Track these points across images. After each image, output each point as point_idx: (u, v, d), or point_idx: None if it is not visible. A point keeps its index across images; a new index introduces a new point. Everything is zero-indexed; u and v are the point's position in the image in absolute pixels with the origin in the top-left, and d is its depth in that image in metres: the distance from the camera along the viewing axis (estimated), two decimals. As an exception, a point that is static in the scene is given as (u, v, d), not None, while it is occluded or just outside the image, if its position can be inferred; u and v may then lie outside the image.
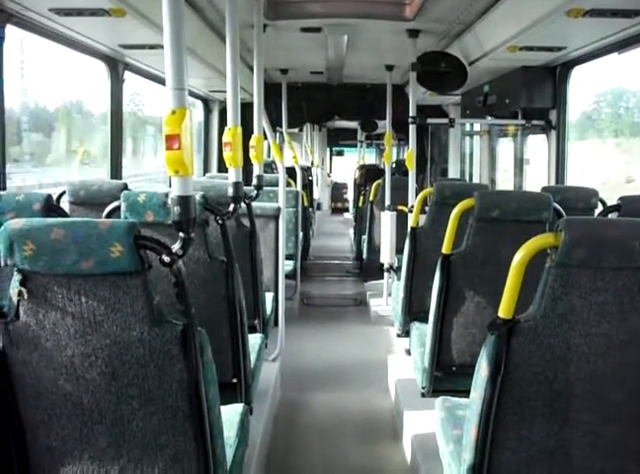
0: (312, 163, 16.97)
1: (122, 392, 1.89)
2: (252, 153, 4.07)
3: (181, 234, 1.91)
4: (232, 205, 3.29)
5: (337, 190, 20.35)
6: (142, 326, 1.84)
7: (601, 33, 4.14)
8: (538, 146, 6.13)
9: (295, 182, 7.84)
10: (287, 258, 6.54)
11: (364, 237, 8.48)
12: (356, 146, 20.32)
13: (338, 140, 21.17)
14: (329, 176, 21.55)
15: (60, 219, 1.88)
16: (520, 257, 1.98)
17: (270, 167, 9.25)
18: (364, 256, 8.48)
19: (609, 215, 3.44)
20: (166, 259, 1.81)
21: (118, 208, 2.79)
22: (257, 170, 4.12)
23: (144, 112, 8.97)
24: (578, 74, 5.36)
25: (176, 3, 1.89)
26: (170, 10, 1.88)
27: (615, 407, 2.03)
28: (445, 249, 3.27)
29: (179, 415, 1.92)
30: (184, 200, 1.89)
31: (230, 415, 2.61)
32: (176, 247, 1.87)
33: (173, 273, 1.83)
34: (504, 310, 1.99)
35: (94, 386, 1.88)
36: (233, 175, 3.38)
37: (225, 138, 3.33)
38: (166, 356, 1.86)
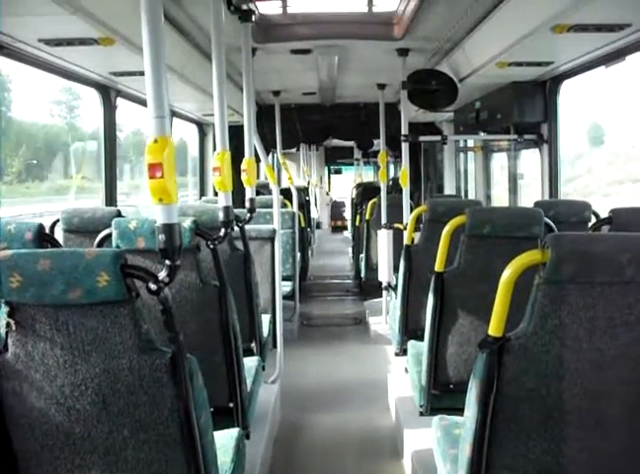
0: (309, 183, 16.99)
1: (114, 421, 1.88)
2: (243, 177, 4.08)
3: (167, 262, 1.91)
4: (223, 230, 3.29)
5: (336, 208, 20.35)
6: (131, 354, 1.83)
7: (587, 47, 4.18)
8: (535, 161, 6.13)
9: (292, 202, 7.86)
10: (285, 279, 6.53)
11: (362, 256, 8.47)
12: (353, 164, 20.37)
13: (336, 159, 21.24)
14: (328, 194, 21.57)
15: (47, 250, 1.89)
16: (507, 274, 1.98)
17: (266, 188, 9.27)
18: (363, 274, 8.47)
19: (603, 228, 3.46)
20: (153, 287, 1.81)
21: (110, 236, 2.79)
22: (249, 193, 4.13)
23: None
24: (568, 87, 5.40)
25: (155, 30, 1.90)
26: (149, 37, 1.89)
27: (610, 422, 2.02)
28: (438, 267, 3.27)
29: (171, 442, 1.91)
30: (168, 228, 1.89)
31: (225, 440, 2.59)
32: (162, 275, 1.87)
33: (160, 300, 1.83)
34: (494, 328, 1.99)
35: (85, 416, 1.88)
36: (223, 199, 3.39)
37: (214, 163, 3.34)
38: (156, 384, 1.86)
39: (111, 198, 5.18)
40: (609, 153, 8.38)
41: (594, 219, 4.06)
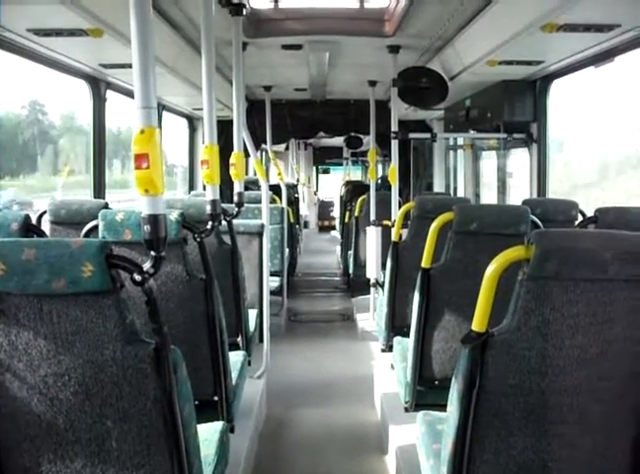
0: (298, 180, 17.00)
1: (97, 412, 1.88)
2: (232, 171, 4.08)
3: (152, 253, 1.91)
4: (210, 223, 3.29)
5: (324, 208, 20.34)
6: (115, 345, 1.83)
7: (577, 47, 4.20)
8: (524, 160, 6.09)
9: (281, 199, 7.86)
10: (274, 274, 6.54)
11: (351, 252, 8.48)
12: (342, 164, 20.38)
13: (324, 159, 21.25)
14: (315, 194, 21.57)
15: (32, 239, 1.88)
16: (491, 270, 1.98)
17: (256, 184, 9.28)
18: (351, 271, 8.48)
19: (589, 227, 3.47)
20: (137, 278, 1.81)
21: (96, 228, 2.79)
22: (237, 187, 4.12)
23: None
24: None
25: (144, 21, 1.89)
26: (138, 28, 1.88)
27: (592, 419, 2.03)
28: (425, 263, 3.28)
29: (154, 434, 1.91)
30: (154, 219, 1.89)
31: (209, 433, 2.59)
32: (147, 266, 1.87)
33: (144, 291, 1.83)
34: (477, 323, 1.99)
35: (68, 406, 1.87)
36: (210, 192, 3.39)
37: (202, 156, 3.34)
38: (139, 375, 1.85)
39: (99, 191, 5.16)
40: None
41: (580, 218, 4.08)
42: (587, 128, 6.53)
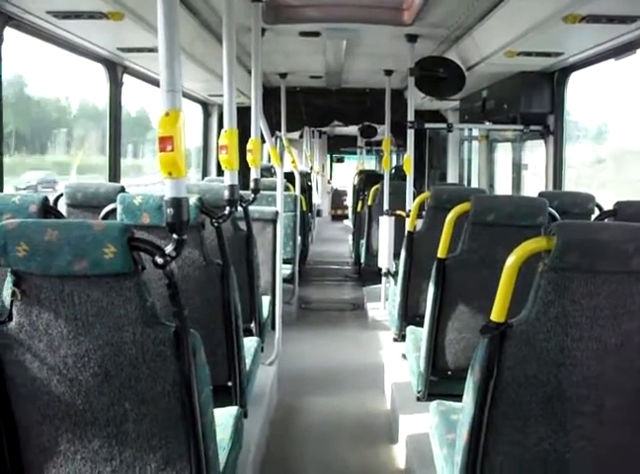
0: (311, 168, 16.97)
1: (115, 393, 1.89)
2: (249, 157, 4.08)
3: (174, 236, 1.91)
4: (228, 209, 3.29)
5: (337, 196, 20.32)
6: (135, 327, 1.84)
7: (598, 39, 4.16)
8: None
9: (294, 186, 7.86)
10: (285, 262, 6.54)
11: (363, 242, 8.48)
12: (356, 153, 20.34)
13: (338, 147, 21.20)
14: (329, 182, 21.54)
15: (54, 220, 1.89)
16: (512, 260, 1.98)
17: (269, 171, 9.28)
18: (363, 260, 8.48)
19: (606, 220, 3.45)
20: (159, 260, 1.81)
21: (114, 211, 2.79)
22: (254, 174, 4.13)
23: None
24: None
25: (171, 5, 1.90)
26: (165, 11, 1.89)
27: (609, 411, 2.03)
28: (441, 253, 3.28)
29: (171, 417, 1.92)
30: (177, 202, 1.90)
31: (224, 418, 2.61)
32: (169, 249, 1.87)
33: (166, 274, 1.83)
34: (496, 314, 1.99)
35: (87, 387, 1.88)
36: (229, 178, 3.39)
37: (221, 141, 3.34)
38: (159, 358, 1.86)
39: (115, 175, 5.18)
40: None
41: (597, 212, 4.05)
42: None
